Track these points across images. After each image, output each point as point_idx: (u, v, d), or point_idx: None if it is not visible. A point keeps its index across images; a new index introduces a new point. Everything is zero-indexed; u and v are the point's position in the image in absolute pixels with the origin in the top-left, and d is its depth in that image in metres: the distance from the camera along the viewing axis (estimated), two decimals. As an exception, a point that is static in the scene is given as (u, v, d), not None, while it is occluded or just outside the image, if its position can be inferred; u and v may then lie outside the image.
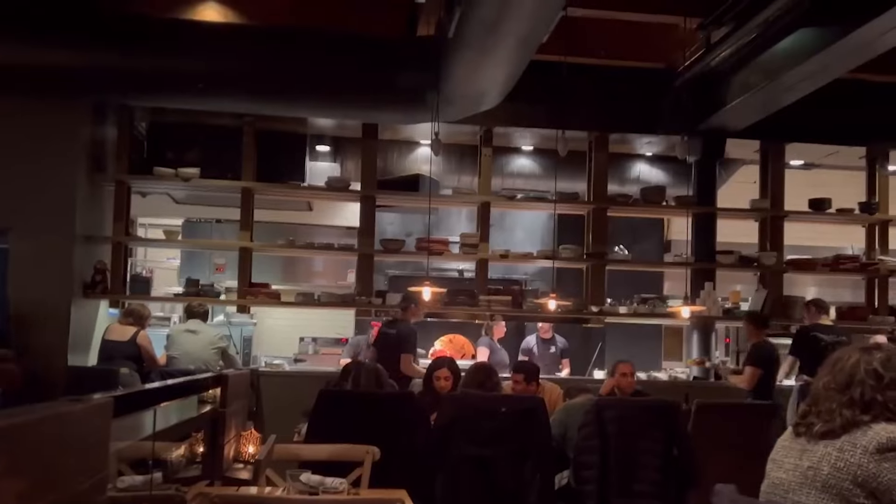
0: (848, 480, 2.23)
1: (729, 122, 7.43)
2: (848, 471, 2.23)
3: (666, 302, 7.94)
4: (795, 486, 2.36)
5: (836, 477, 2.25)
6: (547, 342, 8.45)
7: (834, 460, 2.27)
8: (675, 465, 4.71)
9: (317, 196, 8.60)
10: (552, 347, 8.44)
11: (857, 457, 2.23)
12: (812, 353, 6.38)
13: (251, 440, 3.47)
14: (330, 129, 8.48)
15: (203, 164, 7.57)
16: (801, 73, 6.11)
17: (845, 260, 8.12)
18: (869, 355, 2.38)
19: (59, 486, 1.31)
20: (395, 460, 4.13)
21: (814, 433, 2.36)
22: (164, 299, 8.79)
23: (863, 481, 2.22)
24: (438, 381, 5.72)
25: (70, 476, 1.36)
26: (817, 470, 2.30)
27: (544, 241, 9.10)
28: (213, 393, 3.19)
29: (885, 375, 2.32)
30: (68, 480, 1.35)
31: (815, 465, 2.30)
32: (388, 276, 9.55)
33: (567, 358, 8.46)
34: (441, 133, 6.42)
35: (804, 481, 2.33)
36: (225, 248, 8.58)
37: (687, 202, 7.77)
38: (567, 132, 6.56)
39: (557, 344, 8.46)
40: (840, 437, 2.30)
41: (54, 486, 1.29)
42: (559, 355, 8.43)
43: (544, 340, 8.45)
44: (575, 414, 4.99)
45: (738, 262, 7.95)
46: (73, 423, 1.38)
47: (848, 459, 2.24)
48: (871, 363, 2.35)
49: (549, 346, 8.44)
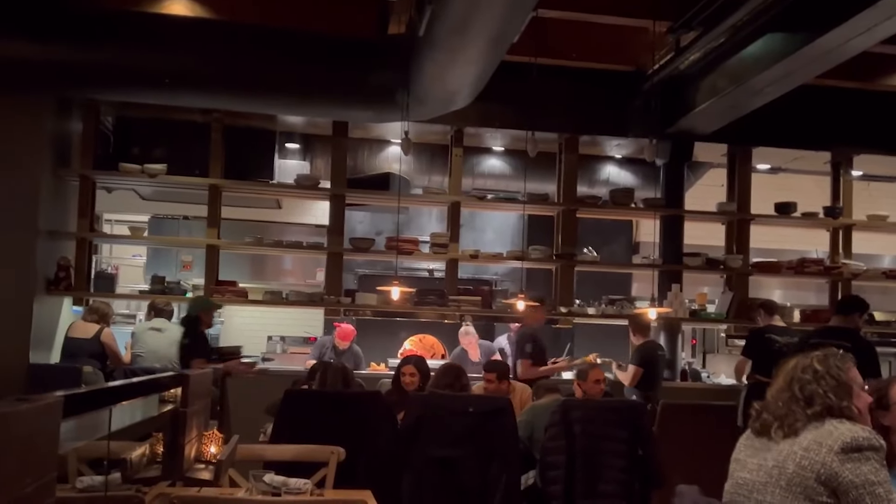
0: (812, 478, 2.26)
1: (697, 125, 7.47)
2: (812, 469, 2.26)
3: (633, 303, 7.97)
4: (760, 485, 2.37)
5: (800, 475, 2.28)
6: (518, 342, 8.46)
7: (799, 459, 2.29)
8: (641, 466, 4.72)
9: (286, 194, 8.52)
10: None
11: (821, 455, 2.26)
12: (764, 354, 6.44)
13: (213, 440, 3.41)
14: (300, 127, 8.41)
15: (170, 160, 7.47)
16: (768, 77, 6.16)
17: (810, 263, 8.20)
18: (806, 357, 2.51)
19: (1, 488, 1.26)
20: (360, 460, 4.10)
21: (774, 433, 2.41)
22: (129, 297, 8.69)
23: (826, 479, 2.24)
24: (404, 378, 5.71)
25: (14, 479, 1.31)
26: (782, 469, 2.32)
27: (514, 241, 9.10)
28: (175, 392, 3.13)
29: (819, 369, 2.44)
30: (12, 483, 1.30)
31: (780, 463, 2.33)
32: (357, 276, 9.50)
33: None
34: (412, 132, 6.39)
35: (769, 480, 2.34)
36: (192, 245, 8.47)
37: (655, 204, 7.81)
38: (537, 133, 6.56)
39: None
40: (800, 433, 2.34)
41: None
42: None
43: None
44: (541, 414, 4.98)
45: (705, 264, 8.00)
46: (17, 424, 1.33)
47: (813, 458, 2.27)
48: (808, 362, 2.48)
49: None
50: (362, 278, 9.44)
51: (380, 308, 7.60)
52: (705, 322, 8.46)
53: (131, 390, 2.53)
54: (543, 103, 7.03)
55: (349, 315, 7.79)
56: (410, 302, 7.46)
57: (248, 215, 9.13)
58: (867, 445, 2.27)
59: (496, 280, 9.73)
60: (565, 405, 4.81)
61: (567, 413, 4.71)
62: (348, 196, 7.84)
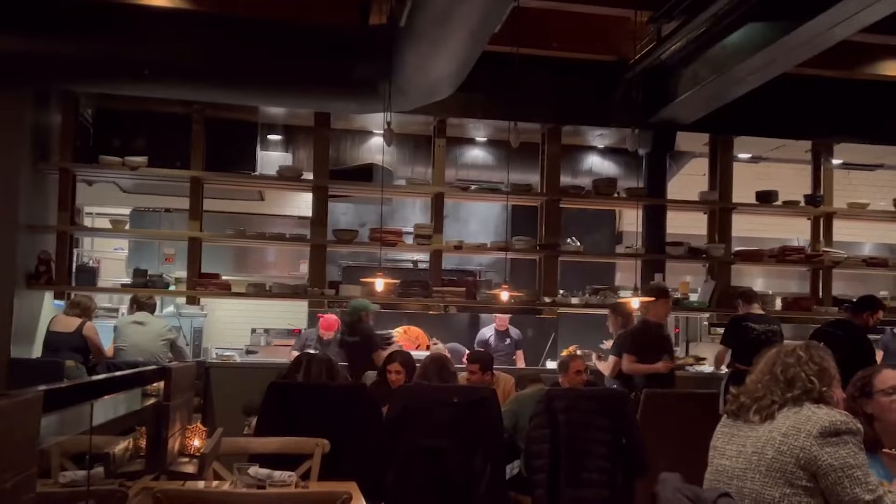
0: (791, 463, 2.29)
1: (679, 115, 7.50)
2: (791, 453, 2.29)
3: (617, 293, 8.00)
4: (739, 471, 2.40)
5: (779, 460, 2.31)
6: (502, 334, 8.50)
7: (778, 444, 2.33)
8: (624, 454, 4.75)
9: (268, 186, 8.49)
10: (507, 339, 8.49)
11: (800, 440, 2.30)
12: (743, 342, 6.50)
13: (197, 434, 3.41)
14: (281, 118, 8.38)
15: (151, 152, 7.41)
16: (750, 66, 6.19)
17: (791, 251, 8.26)
18: (790, 346, 2.57)
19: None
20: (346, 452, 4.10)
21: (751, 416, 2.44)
22: (111, 290, 8.65)
23: (805, 463, 2.28)
24: (390, 375, 5.72)
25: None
26: (761, 454, 2.35)
27: (498, 232, 9.11)
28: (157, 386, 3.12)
29: (803, 356, 2.50)
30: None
31: (760, 449, 2.36)
32: (341, 267, 9.48)
33: (521, 349, 8.52)
34: (394, 123, 6.37)
35: (748, 466, 2.37)
36: (174, 238, 8.43)
37: (638, 194, 7.84)
38: (520, 124, 6.56)
39: (512, 336, 8.52)
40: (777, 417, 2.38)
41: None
42: (514, 347, 8.49)
43: (500, 332, 8.49)
44: (526, 404, 5.01)
45: (688, 253, 8.05)
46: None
47: (792, 443, 2.31)
48: (792, 349, 2.54)
49: (505, 337, 8.50)
50: (346, 270, 9.42)
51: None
52: (688, 311, 8.51)
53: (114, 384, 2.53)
54: (526, 93, 7.03)
55: (333, 307, 7.78)
56: (395, 293, 7.46)
57: (231, 207, 9.08)
58: (845, 429, 2.31)
59: (480, 271, 9.73)
60: (550, 394, 4.83)
61: (551, 402, 4.74)
62: (331, 187, 7.83)
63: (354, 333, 7.11)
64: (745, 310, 6.91)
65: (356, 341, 7.05)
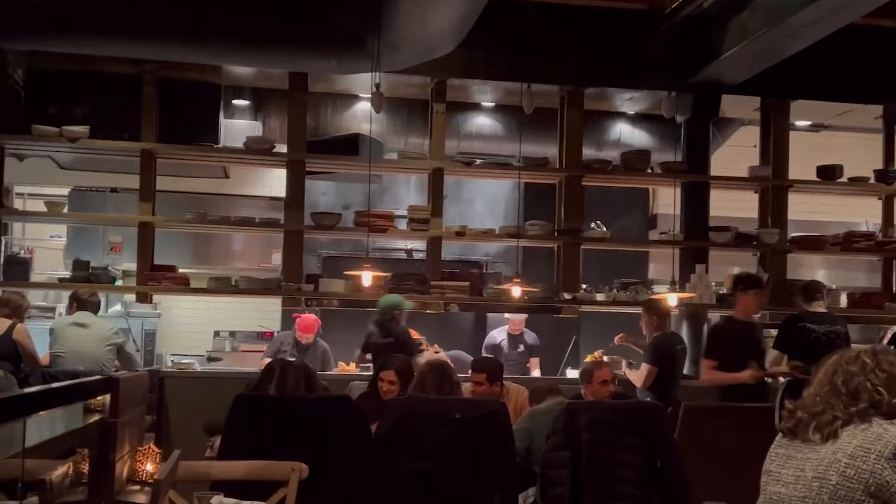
0: (860, 490, 2.29)
1: (724, 74, 7.48)
2: (859, 479, 2.30)
3: (651, 288, 8.01)
4: (797, 500, 2.40)
5: (845, 487, 2.31)
6: (515, 338, 8.49)
7: (843, 468, 2.32)
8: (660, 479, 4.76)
9: (234, 160, 8.50)
10: (520, 345, 8.48)
11: (870, 463, 2.30)
12: (800, 347, 6.45)
13: (150, 456, 3.43)
14: (249, 80, 8.38)
15: (94, 121, 7.43)
16: (808, 16, 6.17)
17: (859, 237, 8.27)
18: (853, 351, 2.53)
19: None
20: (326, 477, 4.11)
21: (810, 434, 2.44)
22: (46, 286, 8.67)
23: (875, 490, 2.28)
24: (382, 385, 5.71)
25: None
26: (824, 480, 2.35)
27: (508, 215, 9.12)
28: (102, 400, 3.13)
29: (868, 362, 2.47)
30: None
31: (822, 474, 2.36)
32: (320, 258, 9.51)
33: (537, 356, 8.51)
34: (384, 85, 6.39)
35: (808, 494, 2.37)
36: (121, 223, 8.44)
37: (675, 169, 7.83)
38: (534, 86, 6.56)
39: (527, 341, 8.51)
40: (842, 436, 2.38)
41: None
42: (528, 353, 8.48)
43: (513, 336, 8.48)
44: (541, 421, 5.01)
45: (735, 240, 8.05)
46: None
47: (860, 466, 2.30)
48: (856, 355, 2.50)
49: (518, 342, 8.49)
50: (327, 261, 9.44)
51: (348, 297, 7.61)
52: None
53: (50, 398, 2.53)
54: (541, 50, 7.02)
55: (311, 305, 7.78)
56: (385, 288, 7.47)
57: (189, 186, 9.10)
58: (923, 450, 2.30)
59: (487, 262, 9.76)
60: (570, 409, 4.83)
61: (572, 418, 4.74)
62: (309, 162, 7.83)
63: (388, 334, 7.05)
64: (805, 308, 6.90)
65: (390, 342, 6.94)
